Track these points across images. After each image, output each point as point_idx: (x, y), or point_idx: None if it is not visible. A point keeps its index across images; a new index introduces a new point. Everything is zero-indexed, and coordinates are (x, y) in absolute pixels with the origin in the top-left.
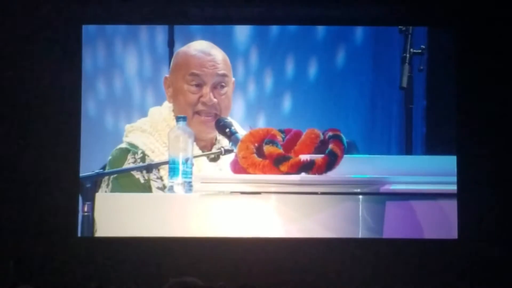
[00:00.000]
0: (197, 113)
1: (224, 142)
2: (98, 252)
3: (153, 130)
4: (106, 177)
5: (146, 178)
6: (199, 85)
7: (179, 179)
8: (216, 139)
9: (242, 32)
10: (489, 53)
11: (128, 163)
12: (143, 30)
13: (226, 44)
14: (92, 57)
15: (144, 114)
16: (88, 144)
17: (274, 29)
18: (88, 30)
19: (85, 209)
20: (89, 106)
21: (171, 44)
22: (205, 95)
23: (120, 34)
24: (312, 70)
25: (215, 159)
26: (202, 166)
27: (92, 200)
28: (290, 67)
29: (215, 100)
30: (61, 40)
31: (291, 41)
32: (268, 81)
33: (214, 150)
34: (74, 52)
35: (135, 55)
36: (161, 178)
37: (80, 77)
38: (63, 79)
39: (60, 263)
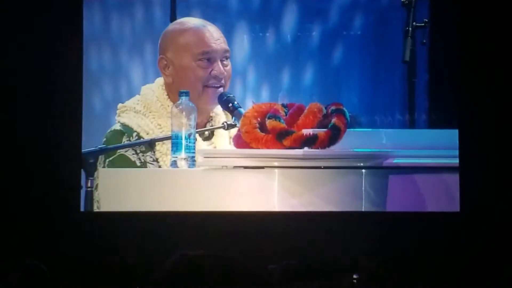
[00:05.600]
0: (207, 86)
1: (218, 119)
2: (102, 226)
3: (147, 111)
4: (102, 159)
5: (143, 160)
6: (210, 60)
7: (182, 154)
8: (210, 116)
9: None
10: (493, 26)
11: None
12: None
13: (227, 12)
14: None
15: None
16: (91, 120)
17: None
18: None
19: (89, 184)
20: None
21: (173, 19)
22: (217, 68)
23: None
24: (315, 43)
25: (208, 137)
26: (196, 144)
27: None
28: (291, 40)
29: (225, 72)
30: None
31: (292, 15)
32: (271, 52)
33: (208, 127)
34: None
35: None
36: (157, 160)
37: (82, 49)
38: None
39: (64, 238)
